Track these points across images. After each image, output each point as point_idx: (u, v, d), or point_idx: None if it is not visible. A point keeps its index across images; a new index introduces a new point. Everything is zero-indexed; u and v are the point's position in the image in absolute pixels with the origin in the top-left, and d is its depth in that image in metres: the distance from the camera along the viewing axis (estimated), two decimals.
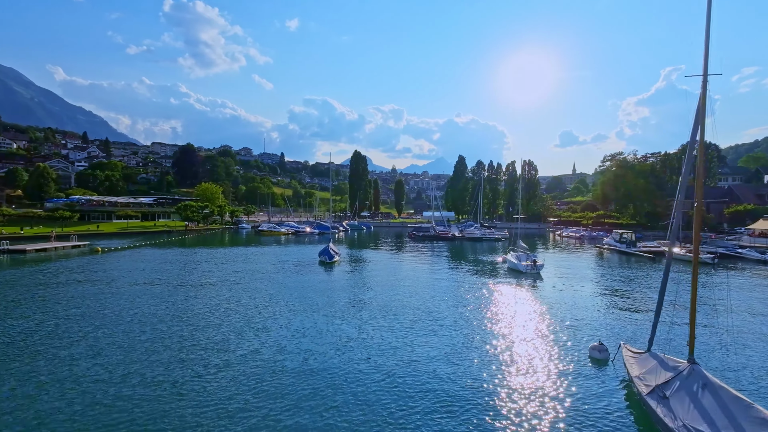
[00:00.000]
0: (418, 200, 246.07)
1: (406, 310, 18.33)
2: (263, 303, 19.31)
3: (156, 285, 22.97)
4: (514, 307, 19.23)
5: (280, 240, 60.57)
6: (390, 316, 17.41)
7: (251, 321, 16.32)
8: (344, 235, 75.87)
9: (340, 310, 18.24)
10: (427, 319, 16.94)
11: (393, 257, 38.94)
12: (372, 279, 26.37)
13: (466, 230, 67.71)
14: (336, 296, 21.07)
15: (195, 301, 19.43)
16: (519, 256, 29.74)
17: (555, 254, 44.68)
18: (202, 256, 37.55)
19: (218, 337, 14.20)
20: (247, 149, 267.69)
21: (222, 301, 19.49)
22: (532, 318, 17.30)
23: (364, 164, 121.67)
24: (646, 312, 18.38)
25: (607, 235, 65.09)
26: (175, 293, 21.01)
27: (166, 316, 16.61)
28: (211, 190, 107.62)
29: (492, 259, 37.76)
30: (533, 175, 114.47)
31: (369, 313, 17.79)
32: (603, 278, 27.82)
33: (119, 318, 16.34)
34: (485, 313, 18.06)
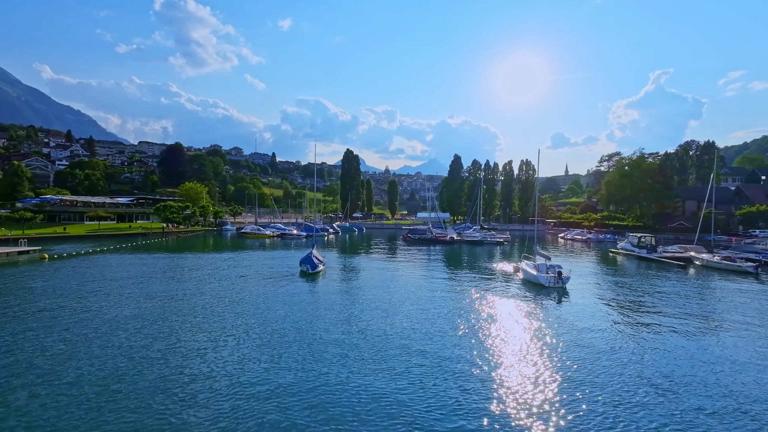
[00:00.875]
0: (411, 201, 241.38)
1: (401, 351, 13.13)
2: (213, 334, 14.01)
3: (80, 306, 17.53)
4: (548, 344, 14.13)
5: (263, 243, 55.07)
6: (379, 360, 12.21)
7: (190, 365, 11.02)
8: (334, 237, 70.50)
9: (315, 348, 13.00)
10: (432, 366, 11.77)
11: (385, 266, 33.74)
12: (360, 297, 21.15)
13: (465, 233, 62.74)
14: (313, 324, 15.85)
15: (107, 338, 14.06)
16: (538, 266, 24.67)
17: (565, 260, 39.84)
18: (166, 263, 32.07)
19: (130, 388, 8.90)
20: (237, 149, 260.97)
21: (150, 335, 14.15)
22: (581, 372, 12.20)
23: (356, 164, 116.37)
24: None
25: (614, 238, 60.62)
26: (92, 320, 15.61)
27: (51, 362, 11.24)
28: (195, 190, 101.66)
29: (501, 268, 32.72)
30: (530, 175, 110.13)
31: (352, 356, 12.56)
32: (641, 295, 22.87)
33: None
34: (509, 357, 12.94)
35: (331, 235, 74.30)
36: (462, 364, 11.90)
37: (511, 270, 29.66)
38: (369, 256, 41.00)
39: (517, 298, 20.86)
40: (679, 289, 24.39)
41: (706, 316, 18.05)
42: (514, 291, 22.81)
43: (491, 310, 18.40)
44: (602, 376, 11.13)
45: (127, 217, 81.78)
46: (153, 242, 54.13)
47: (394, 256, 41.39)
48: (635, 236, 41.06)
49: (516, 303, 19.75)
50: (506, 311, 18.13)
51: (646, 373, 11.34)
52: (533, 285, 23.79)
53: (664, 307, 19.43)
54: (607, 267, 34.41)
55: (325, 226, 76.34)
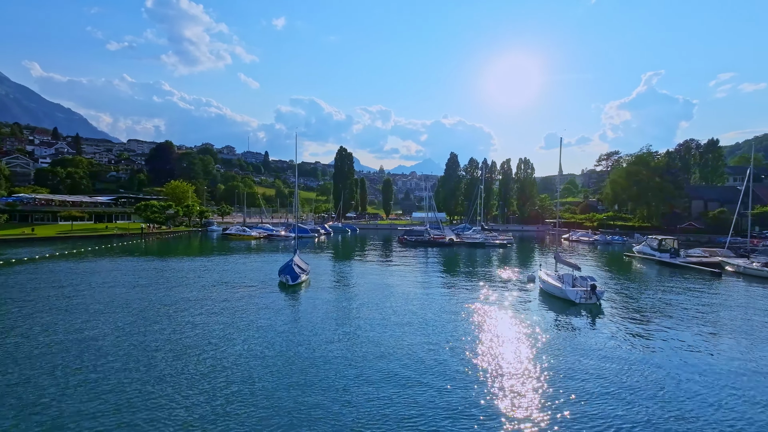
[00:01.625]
0: (406, 201, 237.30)
1: (393, 395, 8.82)
2: (158, 366, 9.61)
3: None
4: (594, 390, 9.89)
5: (248, 246, 50.55)
6: (368, 414, 7.92)
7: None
8: (325, 238, 66.11)
9: (282, 397, 8.65)
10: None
11: (379, 274, 29.45)
12: (348, 319, 16.85)
13: (464, 234, 58.60)
14: (284, 359, 11.52)
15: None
16: (563, 276, 20.47)
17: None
18: (125, 270, 27.51)
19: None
20: (229, 147, 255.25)
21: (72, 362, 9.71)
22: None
23: (349, 162, 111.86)
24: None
25: (623, 240, 56.83)
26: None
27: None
28: (181, 189, 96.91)
29: (510, 275, 28.56)
30: (529, 174, 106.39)
31: (334, 415, 8.23)
32: (694, 314, 18.77)
33: None
34: (542, 413, 8.69)
35: (322, 236, 69.90)
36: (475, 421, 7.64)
37: (525, 279, 25.48)
38: (361, 261, 36.69)
39: (540, 320, 16.67)
40: (735, 303, 20.34)
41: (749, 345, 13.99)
42: (534, 308, 18.61)
43: (508, 334, 14.20)
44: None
45: (106, 217, 76.71)
46: (128, 244, 49.40)
47: (389, 260, 37.11)
48: (655, 238, 37.08)
49: (539, 327, 15.55)
50: (528, 339, 13.91)
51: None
52: (556, 300, 19.61)
53: (737, 334, 15.35)
54: (629, 275, 30.37)
55: (316, 227, 71.93)
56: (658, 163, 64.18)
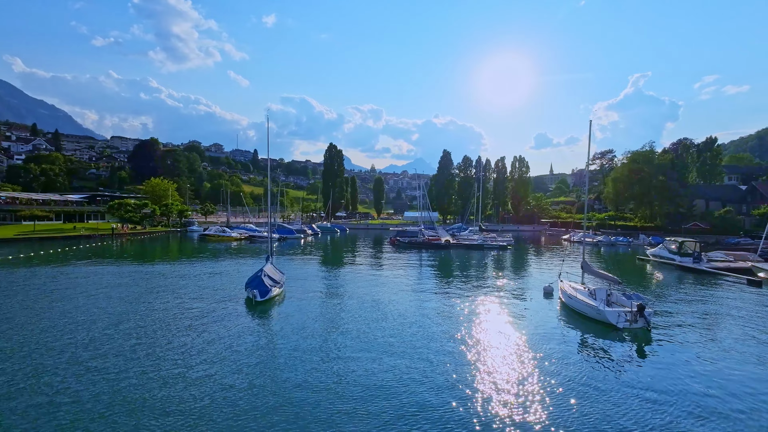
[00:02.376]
0: (398, 200, 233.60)
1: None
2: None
3: None
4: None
5: (227, 248, 45.94)
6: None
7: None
8: (312, 239, 61.65)
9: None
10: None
11: (367, 283, 25.21)
12: (324, 351, 12.59)
13: (461, 235, 54.66)
14: (234, 413, 7.29)
15: None
16: (595, 291, 16.43)
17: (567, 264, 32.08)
18: (70, 278, 22.87)
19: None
20: (218, 145, 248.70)
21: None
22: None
23: (339, 160, 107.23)
24: None
25: (628, 240, 53.38)
26: None
27: None
28: (161, 187, 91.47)
29: (520, 286, 24.56)
30: (524, 173, 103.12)
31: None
32: (763, 336, 14.90)
33: None
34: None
35: (309, 236, 65.40)
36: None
37: (541, 291, 21.44)
38: (348, 267, 32.41)
39: (572, 352, 12.64)
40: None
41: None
42: (558, 334, 14.48)
43: (533, 378, 10.11)
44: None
45: (78, 216, 71.15)
46: (94, 246, 44.40)
47: (379, 266, 32.88)
48: (674, 241, 33.42)
49: (574, 365, 11.50)
50: (563, 383, 9.84)
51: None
52: (587, 321, 15.57)
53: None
54: (651, 283, 26.58)
55: (302, 227, 67.38)
56: (660, 160, 61.01)
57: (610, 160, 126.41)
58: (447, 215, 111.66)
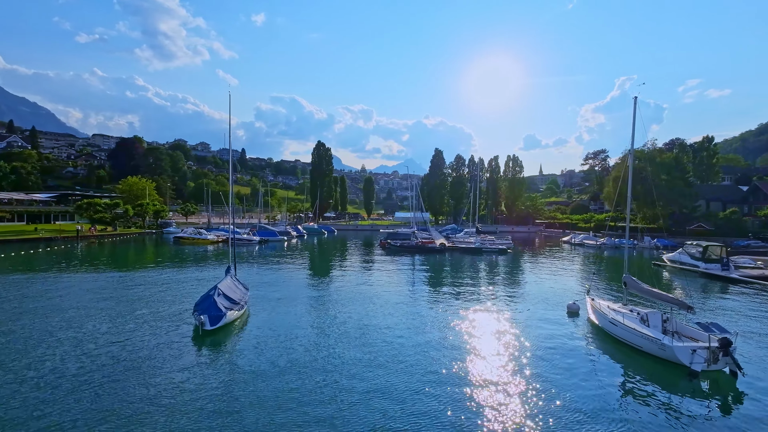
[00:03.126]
0: (388, 200, 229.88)
1: None
2: None
3: None
4: None
5: (201, 252, 41.40)
6: None
7: None
8: (297, 242, 57.24)
9: None
10: None
11: (352, 298, 21.06)
12: (286, 411, 8.41)
13: (456, 237, 50.79)
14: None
15: None
16: (648, 316, 12.45)
17: (598, 276, 28.41)
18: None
19: None
20: (204, 144, 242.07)
21: None
22: None
23: (328, 158, 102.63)
24: None
25: (633, 243, 50.00)
26: None
27: None
28: (139, 186, 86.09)
29: (534, 299, 20.66)
30: (517, 172, 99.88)
31: None
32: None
33: None
34: None
35: (294, 238, 60.95)
36: None
37: (564, 310, 17.53)
38: (331, 276, 28.23)
39: (624, 405, 8.73)
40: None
41: None
42: (602, 372, 10.62)
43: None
44: None
45: (44, 217, 65.61)
46: (51, 250, 39.42)
47: (367, 274, 28.75)
48: (695, 245, 29.92)
49: (624, 420, 7.61)
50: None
51: None
52: (639, 356, 11.67)
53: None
54: (684, 296, 22.94)
55: (287, 229, 62.88)
56: (664, 159, 57.92)
57: (603, 161, 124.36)
58: (439, 216, 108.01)
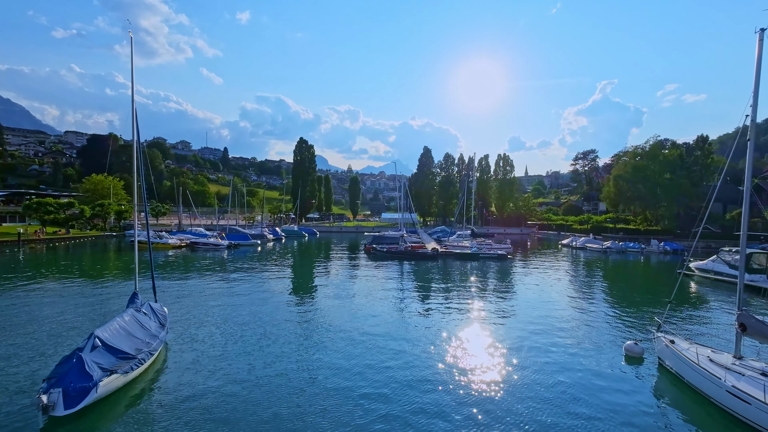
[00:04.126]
0: (375, 201, 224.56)
1: None
2: None
3: None
4: None
5: (160, 258, 35.27)
6: None
7: None
8: (274, 245, 51.30)
9: None
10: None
11: (323, 326, 15.52)
12: None
13: (448, 240, 45.65)
14: None
15: None
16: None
17: (623, 292, 23.56)
18: None
19: None
20: (185, 143, 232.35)
21: None
22: None
23: (310, 156, 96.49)
24: None
25: (640, 247, 45.66)
26: None
27: None
28: (104, 184, 78.91)
29: (566, 329, 15.47)
30: (508, 172, 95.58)
31: None
32: None
33: None
34: None
35: (270, 242, 54.95)
36: None
37: (618, 349, 12.38)
38: (300, 294, 22.61)
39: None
40: None
41: None
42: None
43: None
44: None
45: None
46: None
47: (346, 289, 23.20)
48: (733, 252, 25.36)
49: None
50: None
51: None
52: None
53: None
54: (721, 314, 18.12)
55: (262, 231, 56.83)
56: (669, 155, 53.92)
57: (592, 161, 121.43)
58: (427, 217, 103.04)
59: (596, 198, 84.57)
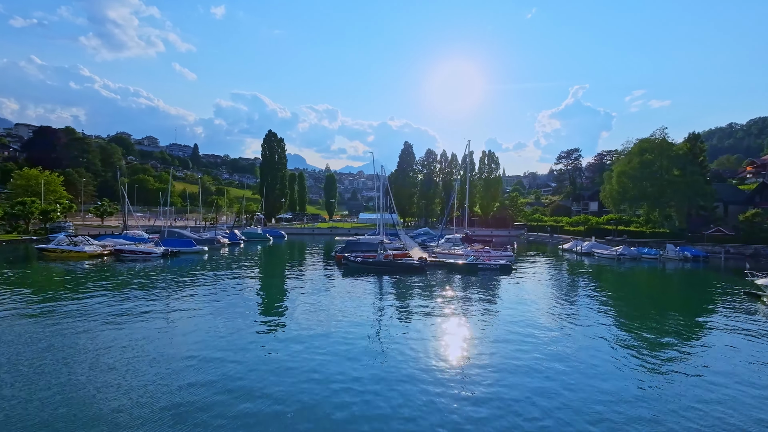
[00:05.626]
0: (353, 201, 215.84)
1: None
2: None
3: None
4: None
5: (65, 272, 25.77)
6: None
7: None
8: (228, 252, 42.16)
9: None
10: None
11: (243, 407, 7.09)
12: None
13: (437, 246, 37.71)
14: None
15: None
16: None
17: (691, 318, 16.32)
18: None
19: None
20: (152, 138, 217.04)
21: None
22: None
23: (281, 150, 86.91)
24: None
25: (657, 253, 39.04)
26: None
27: None
28: (39, 180, 67.34)
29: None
30: (494, 170, 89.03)
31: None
32: None
33: None
34: None
35: (225, 248, 45.68)
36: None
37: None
38: (226, 335, 14.02)
39: None
40: None
41: None
42: None
43: None
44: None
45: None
46: None
47: (299, 323, 14.80)
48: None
49: None
50: None
51: None
52: None
53: None
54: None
55: (216, 235, 47.45)
56: (679, 148, 47.95)
57: (575, 160, 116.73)
58: (408, 217, 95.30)
59: (586, 197, 78.85)
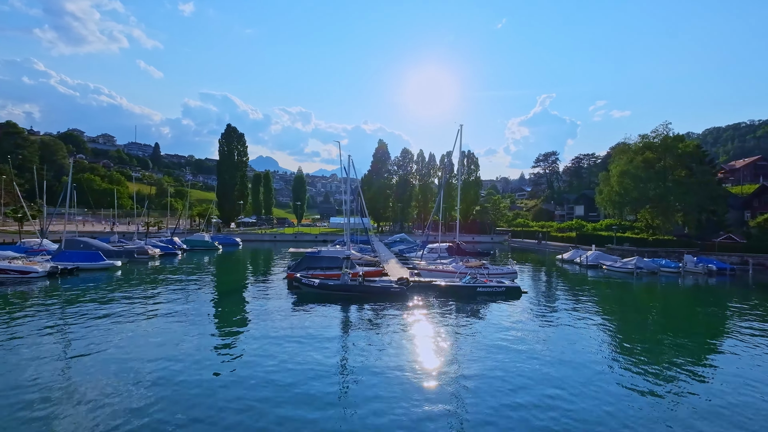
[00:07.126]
0: (326, 204, 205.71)
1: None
2: None
3: None
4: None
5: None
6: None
7: None
8: (154, 265, 32.64)
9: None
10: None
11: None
12: None
13: (420, 260, 29.89)
14: None
15: None
16: None
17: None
18: None
19: None
20: (107, 136, 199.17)
21: None
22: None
23: (241, 146, 76.79)
24: None
25: (676, 265, 32.75)
26: None
27: None
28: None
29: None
30: (473, 171, 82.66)
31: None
32: None
33: None
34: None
35: (155, 260, 36.04)
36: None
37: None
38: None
39: None
40: None
41: None
42: None
43: None
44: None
45: None
46: None
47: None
48: None
49: None
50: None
51: None
52: None
53: None
54: None
55: (144, 245, 37.68)
56: (686, 147, 42.31)
57: (553, 163, 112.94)
58: (381, 222, 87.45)
59: (571, 201, 73.60)
